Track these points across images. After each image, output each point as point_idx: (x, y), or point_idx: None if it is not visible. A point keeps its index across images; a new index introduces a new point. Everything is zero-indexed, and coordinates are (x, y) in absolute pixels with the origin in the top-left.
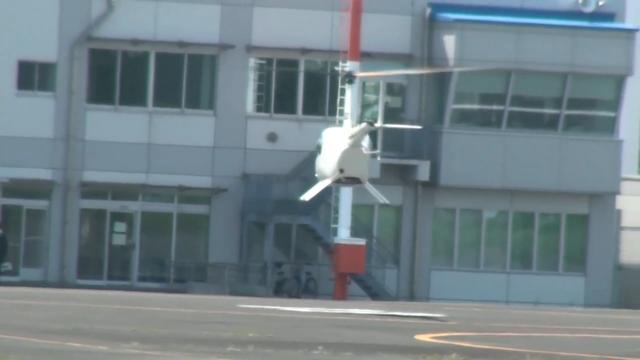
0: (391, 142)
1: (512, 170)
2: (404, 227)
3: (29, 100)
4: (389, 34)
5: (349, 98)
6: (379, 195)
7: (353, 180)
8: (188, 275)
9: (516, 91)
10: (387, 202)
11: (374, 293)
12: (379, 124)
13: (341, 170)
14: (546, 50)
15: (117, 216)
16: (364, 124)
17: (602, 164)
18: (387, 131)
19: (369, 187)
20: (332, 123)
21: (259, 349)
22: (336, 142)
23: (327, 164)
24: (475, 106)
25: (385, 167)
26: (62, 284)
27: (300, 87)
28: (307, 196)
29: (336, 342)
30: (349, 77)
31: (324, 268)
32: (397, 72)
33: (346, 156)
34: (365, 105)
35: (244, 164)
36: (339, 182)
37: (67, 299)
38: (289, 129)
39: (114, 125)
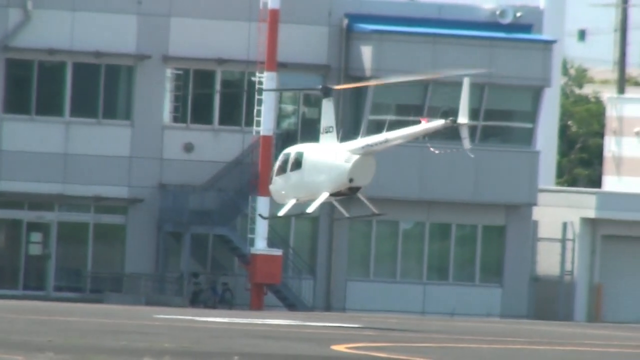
0: None
1: (429, 181)
2: (320, 237)
3: None
4: (306, 45)
5: (265, 109)
6: (371, 206)
7: (352, 191)
8: (104, 286)
9: (433, 102)
10: (379, 213)
11: (291, 303)
12: (463, 120)
13: (351, 180)
14: (463, 61)
15: (33, 226)
16: (443, 121)
17: (519, 175)
18: (304, 141)
19: (362, 197)
20: (249, 134)
21: (175, 359)
22: (331, 155)
23: (323, 176)
24: (392, 117)
25: None
26: None
27: (216, 97)
28: (311, 209)
29: (252, 352)
30: (325, 90)
31: (240, 278)
32: (375, 83)
33: (358, 166)
34: (282, 116)
35: (160, 174)
36: (338, 194)
37: None
38: (206, 139)
39: (30, 135)
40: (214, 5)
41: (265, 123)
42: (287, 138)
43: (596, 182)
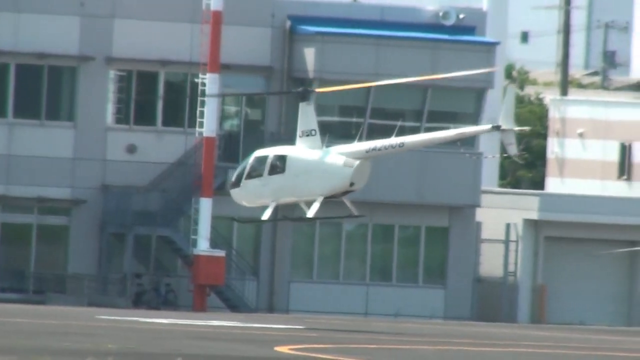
0: (251, 153)
1: (372, 182)
2: (263, 239)
3: None
4: (249, 47)
5: (208, 110)
6: (352, 208)
7: (344, 194)
8: (47, 286)
9: (376, 104)
10: (359, 215)
11: (234, 305)
12: (508, 126)
13: (352, 184)
14: (406, 62)
15: None
16: (489, 126)
17: (462, 177)
18: (246, 142)
19: (346, 199)
20: (192, 135)
21: None
22: (328, 158)
23: (318, 180)
24: (335, 118)
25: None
26: None
27: (160, 99)
28: (310, 214)
29: (196, 353)
30: (304, 93)
31: (183, 279)
32: (355, 86)
33: (359, 169)
34: (225, 117)
35: (103, 176)
36: (333, 196)
37: None
38: (149, 141)
39: None
40: (157, 7)
41: (208, 124)
42: (229, 139)
43: (539, 183)
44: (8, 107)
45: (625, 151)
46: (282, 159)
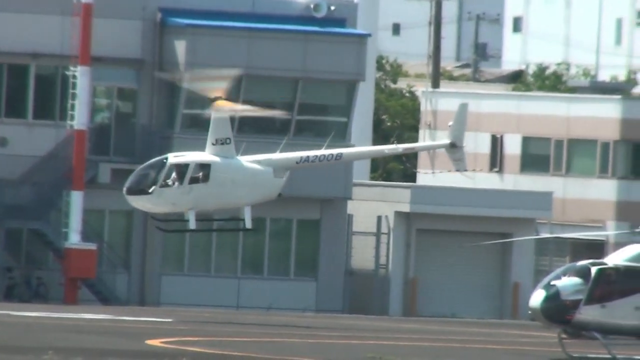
0: (122, 146)
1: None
2: (134, 232)
3: None
4: (120, 39)
5: (79, 103)
6: (249, 220)
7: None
8: None
9: (248, 96)
10: (251, 228)
11: (105, 298)
12: (458, 143)
13: (280, 195)
14: (278, 55)
15: None
16: (441, 142)
17: (334, 170)
18: (118, 135)
19: (248, 211)
20: (63, 128)
21: None
22: (257, 169)
23: (246, 189)
24: (206, 111)
25: (115, 172)
26: None
27: (30, 91)
28: (248, 224)
29: (66, 346)
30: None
31: (54, 273)
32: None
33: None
34: (96, 110)
35: None
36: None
37: None
38: (20, 134)
39: None
40: (27, 0)
41: (79, 117)
42: (101, 132)
43: (411, 176)
44: None
45: (497, 143)
46: (205, 167)
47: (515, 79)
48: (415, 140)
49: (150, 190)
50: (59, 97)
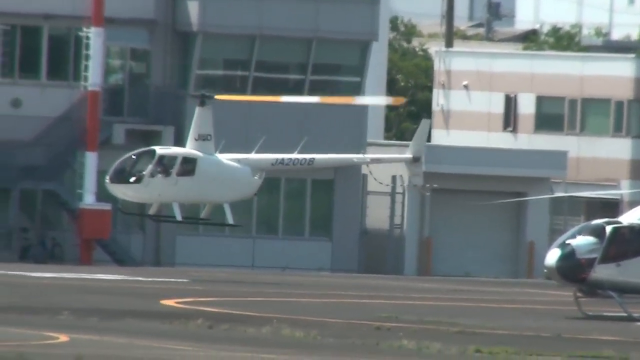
0: (136, 107)
1: (257, 137)
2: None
3: None
4: (133, 0)
5: (93, 64)
6: (230, 216)
7: None
8: None
9: (260, 57)
10: (235, 224)
11: (119, 258)
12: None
13: (256, 194)
14: (291, 15)
15: None
16: (405, 156)
17: (348, 129)
18: (131, 96)
19: (227, 208)
20: (77, 89)
21: (3, 314)
22: (238, 168)
23: (226, 187)
24: (220, 72)
25: (129, 133)
26: None
27: (44, 52)
28: (230, 220)
29: (81, 307)
30: (203, 98)
31: (69, 233)
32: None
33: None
34: (109, 71)
35: None
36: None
37: None
38: (33, 95)
39: None
40: None
41: (93, 78)
42: (114, 93)
43: None
44: None
45: (510, 103)
46: (192, 161)
47: (528, 38)
48: (429, 100)
49: (135, 180)
50: (72, 58)
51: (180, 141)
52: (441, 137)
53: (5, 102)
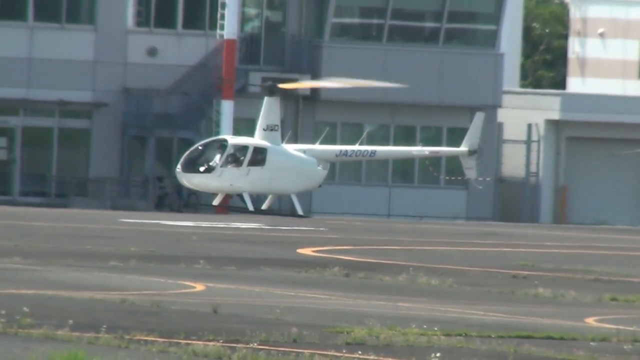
0: (272, 55)
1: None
2: (286, 140)
3: None
4: None
5: (229, 12)
6: (298, 207)
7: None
8: (69, 190)
9: (396, 5)
10: (305, 215)
11: (255, 208)
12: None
13: (320, 185)
14: None
15: None
16: (463, 149)
17: (483, 78)
18: (267, 45)
19: (295, 198)
20: (212, 37)
21: (141, 263)
22: (304, 159)
23: (293, 177)
24: (356, 20)
25: (265, 81)
26: None
27: (180, 1)
28: (300, 211)
29: (218, 256)
30: (271, 89)
31: None
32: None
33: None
34: (245, 20)
35: (124, 79)
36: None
37: None
38: (169, 43)
39: None
40: None
41: (229, 27)
42: (250, 42)
43: (560, 84)
44: (28, 11)
45: None
46: (262, 151)
47: None
48: (565, 48)
49: (207, 170)
50: (208, 7)
51: (316, 90)
52: (576, 85)
53: (142, 50)
